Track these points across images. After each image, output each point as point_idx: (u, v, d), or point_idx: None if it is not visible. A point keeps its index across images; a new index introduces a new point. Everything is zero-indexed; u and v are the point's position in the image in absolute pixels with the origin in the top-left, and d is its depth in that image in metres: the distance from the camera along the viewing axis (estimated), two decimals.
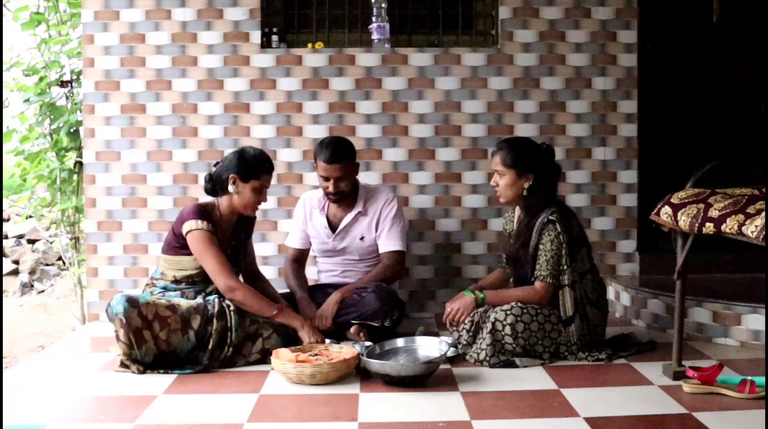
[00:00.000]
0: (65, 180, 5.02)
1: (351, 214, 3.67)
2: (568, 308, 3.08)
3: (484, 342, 3.05)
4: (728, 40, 4.27)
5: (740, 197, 2.56)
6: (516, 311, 3.05)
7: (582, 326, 3.09)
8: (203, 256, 3.15)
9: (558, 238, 3.07)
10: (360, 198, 3.69)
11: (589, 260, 3.18)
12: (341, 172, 3.54)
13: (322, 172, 3.55)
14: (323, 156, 3.53)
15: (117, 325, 2.96)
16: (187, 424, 2.44)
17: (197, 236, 3.16)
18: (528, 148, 3.22)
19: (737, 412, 2.48)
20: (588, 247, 3.21)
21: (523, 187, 3.17)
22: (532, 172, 3.16)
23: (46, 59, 5.07)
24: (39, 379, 2.98)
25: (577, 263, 3.12)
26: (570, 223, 3.13)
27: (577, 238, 3.14)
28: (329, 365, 2.82)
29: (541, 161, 3.19)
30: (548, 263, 3.08)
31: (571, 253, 3.09)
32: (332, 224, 3.71)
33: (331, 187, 3.56)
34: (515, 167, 3.16)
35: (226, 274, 3.13)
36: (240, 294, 3.11)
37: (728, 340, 3.37)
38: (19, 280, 6.90)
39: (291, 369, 2.82)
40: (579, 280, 3.12)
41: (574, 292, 3.09)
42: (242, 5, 4.05)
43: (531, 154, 3.20)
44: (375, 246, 3.70)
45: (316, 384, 2.80)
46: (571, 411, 2.51)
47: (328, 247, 3.72)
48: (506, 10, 4.08)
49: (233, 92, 4.07)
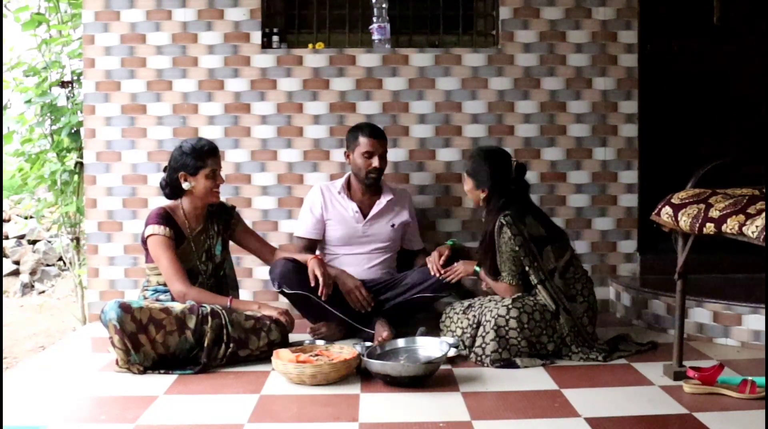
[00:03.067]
0: (66, 181, 5.02)
1: (384, 200, 3.74)
2: (549, 304, 3.13)
3: (488, 337, 3.06)
4: (728, 40, 4.27)
5: (741, 197, 2.56)
6: (517, 304, 3.10)
7: (569, 318, 3.13)
8: (158, 260, 3.22)
9: (510, 240, 3.13)
10: (384, 186, 3.79)
11: (558, 259, 3.19)
12: (384, 147, 3.68)
13: (367, 147, 3.63)
14: (367, 132, 3.65)
15: (111, 332, 2.97)
16: (187, 425, 2.44)
17: (153, 241, 3.23)
18: (486, 163, 3.29)
19: (738, 412, 2.48)
20: (558, 243, 3.22)
21: (480, 197, 3.31)
22: (486, 186, 3.27)
23: (46, 60, 5.08)
24: (40, 380, 2.98)
25: (542, 262, 3.15)
26: (524, 225, 3.15)
27: (538, 238, 3.17)
28: (329, 365, 2.82)
29: (499, 177, 3.26)
30: (504, 264, 3.18)
31: (531, 253, 3.13)
32: (362, 210, 3.74)
33: (376, 163, 3.64)
34: (472, 178, 3.32)
35: (178, 280, 3.18)
36: (191, 297, 3.16)
37: (729, 340, 3.37)
38: (20, 280, 6.90)
39: (292, 369, 2.82)
40: (548, 277, 3.15)
41: (546, 289, 3.13)
42: (243, 5, 4.05)
43: (487, 168, 3.27)
44: (400, 236, 3.79)
45: (317, 384, 2.81)
46: (571, 411, 2.52)
47: (357, 233, 3.72)
48: (507, 11, 4.08)
49: (234, 92, 4.07)
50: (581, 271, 3.27)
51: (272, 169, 4.08)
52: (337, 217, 3.73)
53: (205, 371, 3.00)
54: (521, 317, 3.07)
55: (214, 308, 3.11)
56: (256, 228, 4.03)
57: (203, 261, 3.34)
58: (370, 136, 3.64)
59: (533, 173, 4.08)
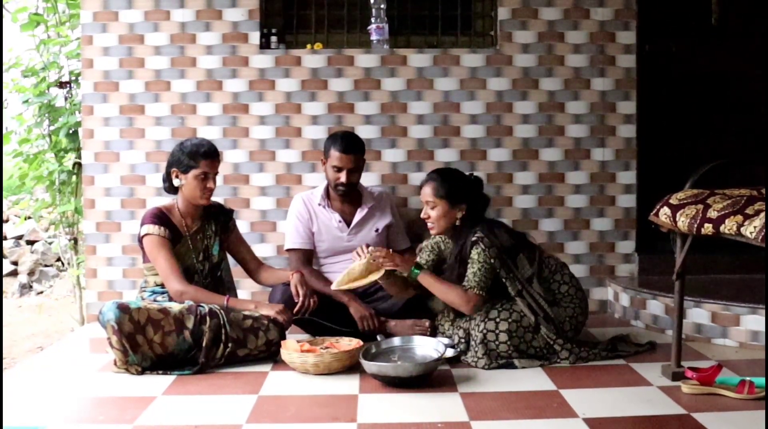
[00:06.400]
0: (64, 181, 5.01)
1: (365, 208, 3.71)
2: (528, 315, 3.08)
3: (479, 352, 3.06)
4: (727, 41, 4.27)
5: (739, 198, 2.56)
6: (504, 315, 3.06)
7: (550, 327, 3.08)
8: (155, 260, 3.23)
9: (485, 252, 3.07)
10: (364, 192, 3.75)
11: (532, 263, 3.16)
12: (354, 163, 3.59)
13: (336, 162, 3.56)
14: (338, 146, 3.56)
15: (109, 332, 2.97)
16: (186, 425, 2.44)
17: (148, 241, 3.24)
18: (458, 179, 3.26)
19: (736, 412, 2.48)
20: (529, 249, 3.20)
21: (456, 217, 3.21)
22: (465, 201, 3.20)
23: (45, 60, 5.07)
24: (38, 380, 2.98)
25: (517, 271, 3.12)
26: (495, 237, 3.12)
27: (509, 248, 3.13)
28: (331, 355, 2.93)
29: (472, 191, 3.25)
30: (475, 275, 3.09)
31: (506, 264, 3.10)
32: (344, 219, 3.70)
33: (343, 178, 3.57)
34: (447, 198, 3.20)
35: (175, 278, 3.17)
36: (189, 296, 3.15)
37: (727, 340, 3.37)
38: (18, 281, 6.90)
39: (296, 358, 2.96)
40: (526, 285, 3.11)
41: (524, 299, 3.09)
42: (241, 6, 4.05)
43: (462, 184, 3.25)
44: (385, 238, 3.75)
45: (320, 373, 2.94)
46: (570, 412, 2.51)
47: (342, 242, 3.68)
48: (505, 11, 4.08)
49: (232, 93, 4.07)
50: (559, 267, 3.23)
51: (270, 169, 4.08)
52: (322, 228, 3.70)
53: (203, 371, 3.00)
54: (510, 327, 3.04)
55: (213, 308, 3.11)
56: (254, 229, 4.05)
57: (200, 260, 3.33)
58: (341, 151, 3.55)
59: (533, 173, 4.10)
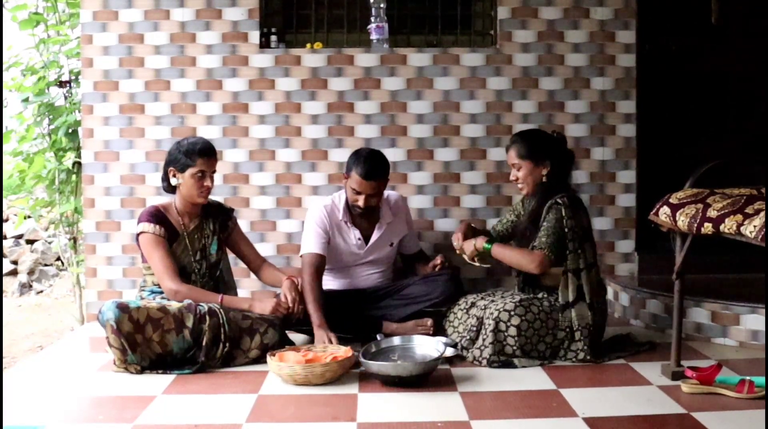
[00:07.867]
0: (64, 180, 5.01)
1: (383, 225, 3.62)
2: (570, 293, 3.10)
3: (487, 340, 3.06)
4: (727, 40, 4.27)
5: (739, 197, 2.56)
6: (520, 311, 3.07)
7: (584, 311, 3.09)
8: (150, 259, 3.23)
9: (562, 218, 3.12)
10: (382, 206, 3.62)
11: (586, 258, 3.17)
12: (375, 189, 3.44)
13: (356, 185, 3.42)
14: (361, 170, 3.40)
15: (108, 332, 2.97)
16: (185, 425, 2.44)
17: (144, 239, 3.24)
18: (539, 138, 3.30)
19: (736, 412, 2.48)
20: (592, 244, 3.24)
21: (542, 175, 3.24)
22: (548, 158, 3.23)
23: (44, 59, 5.07)
24: (38, 380, 2.98)
25: (583, 253, 3.15)
26: (578, 211, 3.17)
27: (584, 230, 3.18)
28: (322, 366, 2.81)
29: (554, 148, 3.26)
30: (549, 236, 3.13)
31: (577, 240, 3.13)
32: (363, 235, 3.61)
33: (361, 202, 3.44)
34: (530, 157, 3.23)
35: (169, 277, 3.17)
36: (182, 295, 3.15)
37: (727, 340, 3.37)
38: (18, 280, 6.90)
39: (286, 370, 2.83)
40: (587, 268, 3.14)
41: (577, 280, 3.12)
42: (241, 5, 4.05)
43: (543, 142, 3.27)
44: (396, 248, 3.72)
45: (314, 384, 2.81)
46: (569, 411, 2.52)
47: (358, 258, 3.62)
48: (505, 10, 4.08)
49: (232, 92, 4.07)
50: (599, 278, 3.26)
51: (270, 168, 4.08)
52: (340, 243, 3.57)
53: (202, 371, 3.00)
54: (521, 325, 3.05)
55: (212, 307, 3.11)
56: (254, 228, 4.04)
57: (197, 259, 3.33)
58: (362, 177, 3.39)
59: None
